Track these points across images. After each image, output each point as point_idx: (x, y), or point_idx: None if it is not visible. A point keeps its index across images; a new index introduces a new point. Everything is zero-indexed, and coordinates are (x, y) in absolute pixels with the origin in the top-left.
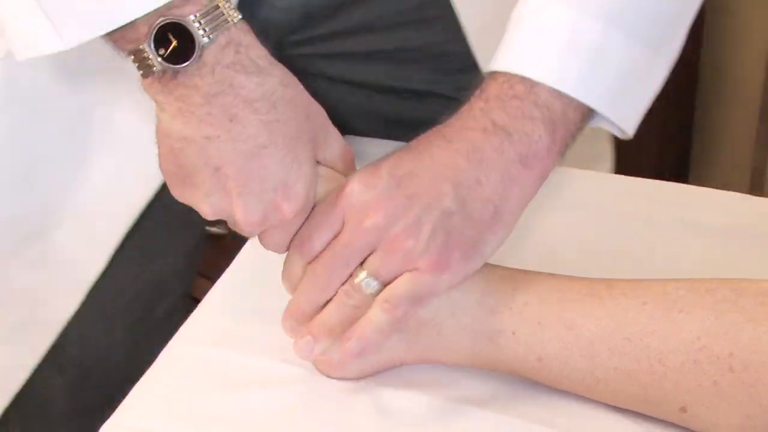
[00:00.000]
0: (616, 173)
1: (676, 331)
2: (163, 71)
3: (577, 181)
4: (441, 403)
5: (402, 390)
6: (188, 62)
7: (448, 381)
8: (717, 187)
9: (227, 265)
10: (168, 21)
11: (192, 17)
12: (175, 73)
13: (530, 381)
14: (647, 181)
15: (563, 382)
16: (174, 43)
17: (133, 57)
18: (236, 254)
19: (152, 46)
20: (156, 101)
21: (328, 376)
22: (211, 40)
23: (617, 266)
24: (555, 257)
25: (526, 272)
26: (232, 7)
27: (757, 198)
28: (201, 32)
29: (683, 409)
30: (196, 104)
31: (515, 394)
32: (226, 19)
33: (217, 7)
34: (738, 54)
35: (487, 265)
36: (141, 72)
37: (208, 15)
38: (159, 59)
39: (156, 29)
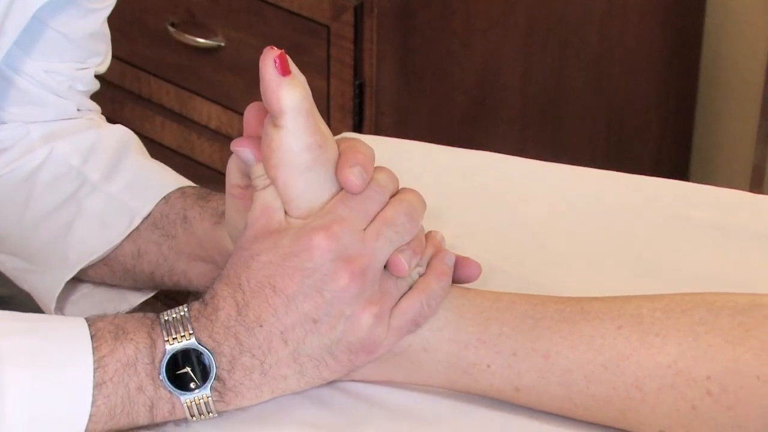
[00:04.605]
0: (616, 171)
1: (653, 354)
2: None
3: (576, 178)
4: (440, 400)
5: (402, 388)
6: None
7: None
8: (718, 185)
9: None
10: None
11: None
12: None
13: None
14: (647, 178)
15: (541, 408)
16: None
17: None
18: None
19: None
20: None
21: None
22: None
23: (617, 265)
24: (553, 255)
25: (497, 296)
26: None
27: (758, 195)
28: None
29: None
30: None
31: None
32: (181, 320)
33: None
34: (738, 52)
35: (458, 293)
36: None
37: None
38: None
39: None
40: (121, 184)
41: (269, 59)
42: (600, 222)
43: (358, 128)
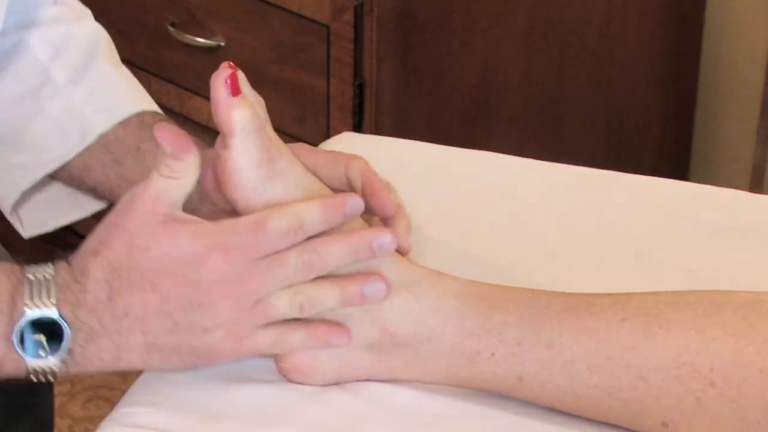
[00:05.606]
0: (616, 171)
1: (657, 346)
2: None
3: (576, 178)
4: (443, 399)
5: (404, 388)
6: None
7: None
8: (718, 185)
9: None
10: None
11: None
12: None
13: None
14: (647, 178)
15: (543, 400)
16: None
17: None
18: None
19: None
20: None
21: (291, 381)
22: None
23: (617, 265)
24: (553, 255)
25: (502, 289)
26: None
27: (758, 195)
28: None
29: (665, 425)
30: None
31: None
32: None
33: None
34: (738, 52)
35: (462, 283)
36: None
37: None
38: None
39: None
40: (85, 92)
41: (220, 79)
42: (600, 222)
43: (358, 128)
